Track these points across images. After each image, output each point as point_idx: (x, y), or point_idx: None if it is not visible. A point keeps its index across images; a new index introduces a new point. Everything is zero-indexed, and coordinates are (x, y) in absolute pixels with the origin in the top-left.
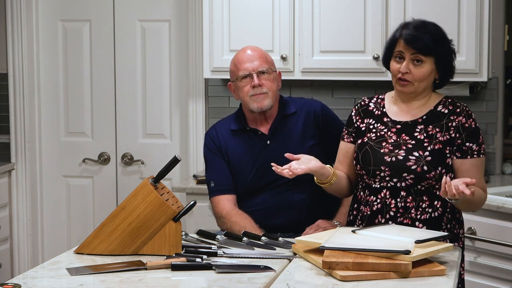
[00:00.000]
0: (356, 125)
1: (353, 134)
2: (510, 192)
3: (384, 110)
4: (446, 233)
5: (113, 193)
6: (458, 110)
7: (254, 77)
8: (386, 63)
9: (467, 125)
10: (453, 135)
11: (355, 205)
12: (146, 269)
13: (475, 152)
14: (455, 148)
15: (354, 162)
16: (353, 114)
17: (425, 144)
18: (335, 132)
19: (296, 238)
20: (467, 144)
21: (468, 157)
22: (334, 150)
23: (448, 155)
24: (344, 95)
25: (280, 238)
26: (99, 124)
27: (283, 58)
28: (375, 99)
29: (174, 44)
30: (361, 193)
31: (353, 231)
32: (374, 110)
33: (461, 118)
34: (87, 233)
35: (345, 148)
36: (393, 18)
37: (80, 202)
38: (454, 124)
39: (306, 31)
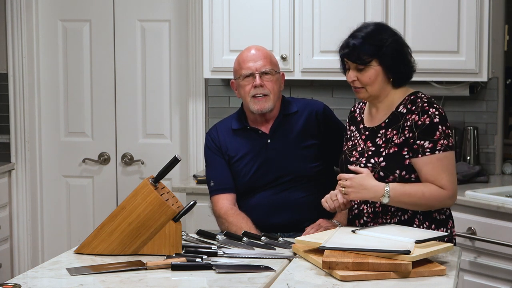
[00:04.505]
0: (347, 132)
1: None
2: (510, 192)
3: (362, 116)
4: (446, 233)
5: (113, 193)
6: (414, 107)
7: (257, 77)
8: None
9: (420, 122)
10: (407, 135)
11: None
12: (146, 269)
13: (427, 150)
14: (409, 148)
15: None
16: (347, 120)
17: (381, 150)
18: (336, 134)
19: (296, 238)
20: (418, 142)
21: (420, 155)
22: (334, 151)
23: (406, 156)
24: (344, 95)
25: (280, 238)
26: (99, 124)
27: (283, 58)
28: (361, 103)
29: (174, 44)
30: None
31: (353, 231)
32: (357, 116)
33: (414, 116)
34: (87, 233)
35: None
36: (393, 18)
37: (80, 202)
38: (408, 123)
39: (306, 31)
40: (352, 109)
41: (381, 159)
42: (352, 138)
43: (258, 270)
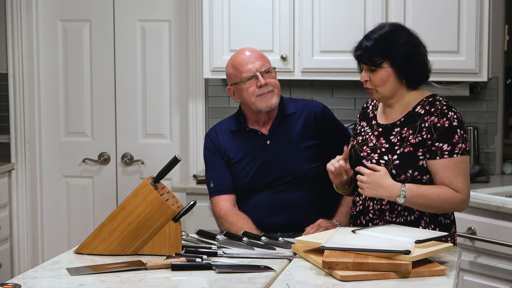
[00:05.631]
0: (357, 126)
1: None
2: (510, 192)
3: (375, 112)
4: (446, 233)
5: (113, 193)
6: (433, 109)
7: (260, 77)
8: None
9: (439, 125)
10: (425, 136)
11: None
12: (146, 269)
13: (446, 153)
14: (426, 149)
15: None
16: (358, 115)
17: (396, 148)
18: (335, 134)
19: (296, 238)
20: (437, 144)
21: (437, 157)
22: (333, 151)
23: (421, 157)
24: (344, 95)
25: (280, 238)
26: (99, 124)
27: (283, 58)
28: (375, 101)
29: (174, 44)
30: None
31: (353, 231)
32: (370, 113)
33: (433, 118)
34: (87, 233)
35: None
36: (393, 18)
37: (80, 202)
38: (426, 124)
39: (306, 31)
40: (365, 105)
41: (395, 157)
42: (363, 133)
43: (258, 270)
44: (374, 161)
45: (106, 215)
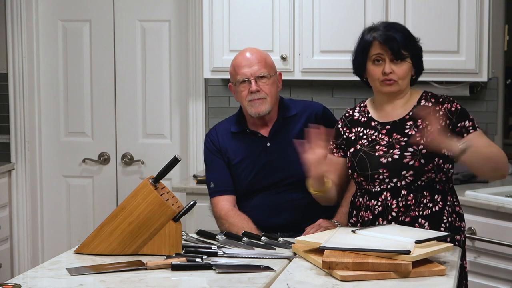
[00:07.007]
0: (344, 136)
1: (342, 146)
2: (510, 192)
3: (369, 115)
4: (446, 233)
5: (113, 193)
6: (441, 99)
7: (252, 82)
8: (359, 69)
9: (453, 109)
10: (443, 123)
11: (354, 212)
12: (146, 269)
13: (470, 128)
14: (449, 135)
15: (350, 171)
16: (339, 126)
17: (418, 138)
18: None
19: (296, 238)
20: (459, 124)
21: (465, 134)
22: None
23: None
24: (344, 95)
25: (280, 238)
26: (99, 124)
27: (283, 58)
28: (357, 108)
29: (174, 44)
30: (360, 199)
31: (353, 231)
32: (360, 118)
33: (446, 105)
34: (87, 233)
35: (337, 161)
36: (393, 18)
37: (80, 202)
38: (441, 113)
39: (306, 31)
40: (347, 114)
41: (421, 146)
42: (365, 137)
43: (258, 270)
44: (396, 156)
45: (106, 215)
